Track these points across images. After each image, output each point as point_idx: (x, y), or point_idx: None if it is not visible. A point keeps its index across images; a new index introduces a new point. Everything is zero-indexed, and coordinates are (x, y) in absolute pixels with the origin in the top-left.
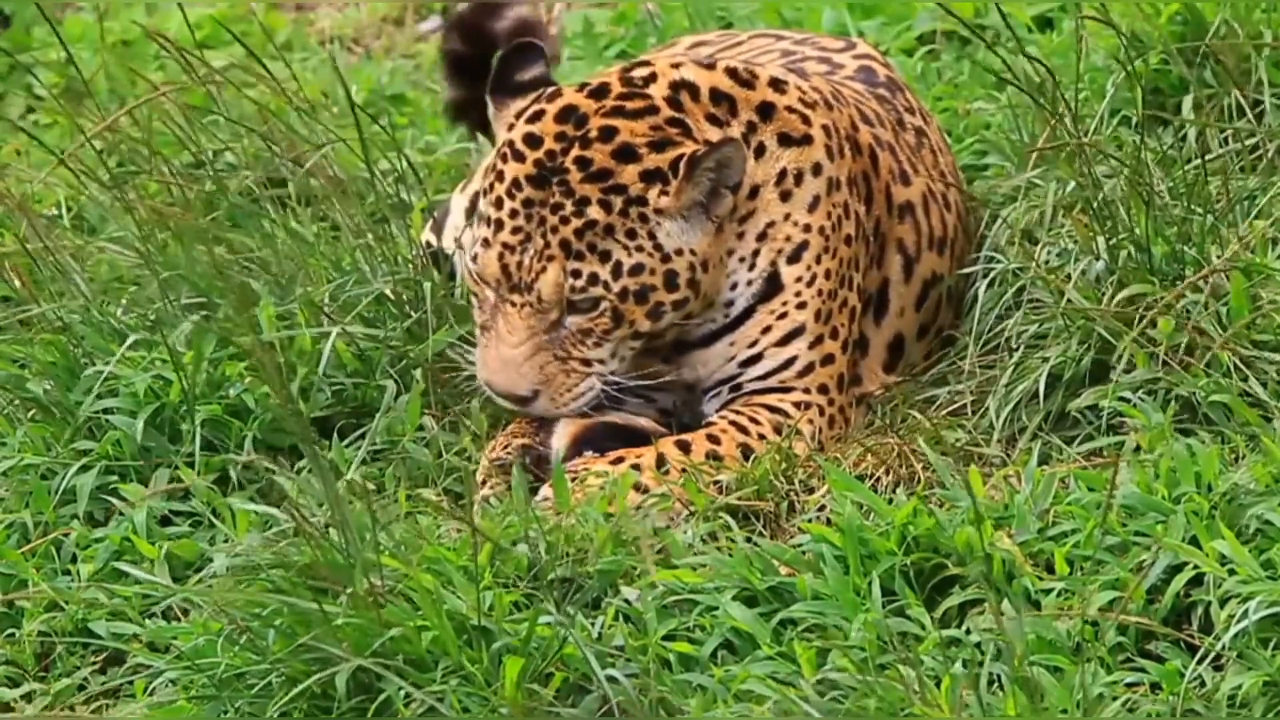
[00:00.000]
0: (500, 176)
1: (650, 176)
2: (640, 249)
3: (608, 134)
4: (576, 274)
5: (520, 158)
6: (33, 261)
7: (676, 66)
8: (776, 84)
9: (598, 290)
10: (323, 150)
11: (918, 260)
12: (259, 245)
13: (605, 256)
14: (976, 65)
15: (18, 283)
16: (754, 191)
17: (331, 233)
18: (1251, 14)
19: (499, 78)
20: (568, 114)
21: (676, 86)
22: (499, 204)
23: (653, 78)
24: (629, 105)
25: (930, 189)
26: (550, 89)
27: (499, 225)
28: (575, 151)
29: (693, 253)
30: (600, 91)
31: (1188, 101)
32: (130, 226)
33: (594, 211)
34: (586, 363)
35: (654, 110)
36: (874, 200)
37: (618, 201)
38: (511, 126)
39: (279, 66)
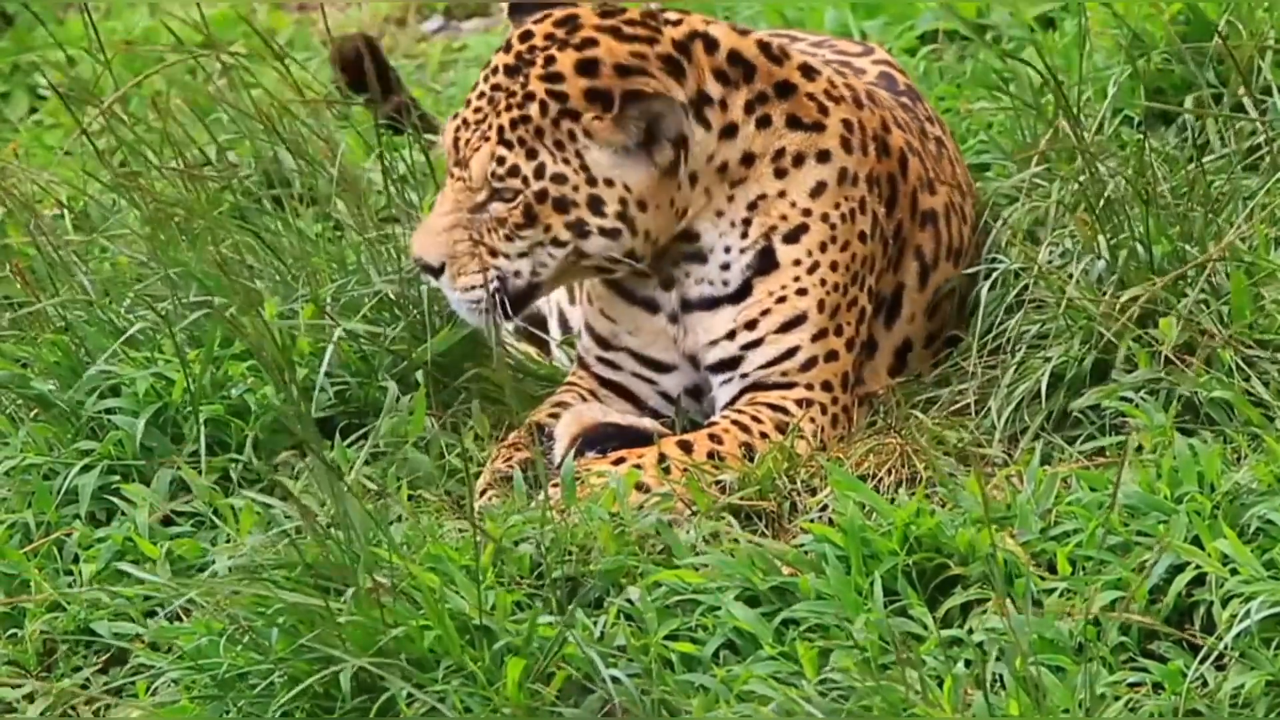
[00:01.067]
0: (487, 64)
1: (594, 95)
2: (566, 162)
3: (586, 44)
4: (501, 160)
5: (508, 49)
6: (36, 259)
7: (708, 23)
8: (808, 70)
9: (516, 182)
10: (339, 151)
11: (934, 269)
12: (262, 244)
13: (531, 154)
14: (979, 65)
15: (20, 283)
16: (749, 159)
17: (333, 232)
18: (1254, 13)
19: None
20: (567, 20)
21: (694, 35)
22: (475, 86)
23: (677, 22)
24: (627, 29)
25: (951, 200)
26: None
27: (467, 103)
28: (551, 51)
29: (626, 188)
30: (611, 13)
31: (1190, 101)
32: (136, 222)
33: (533, 108)
34: (493, 253)
35: (652, 41)
36: (897, 204)
37: (554, 108)
38: None
39: (287, 65)
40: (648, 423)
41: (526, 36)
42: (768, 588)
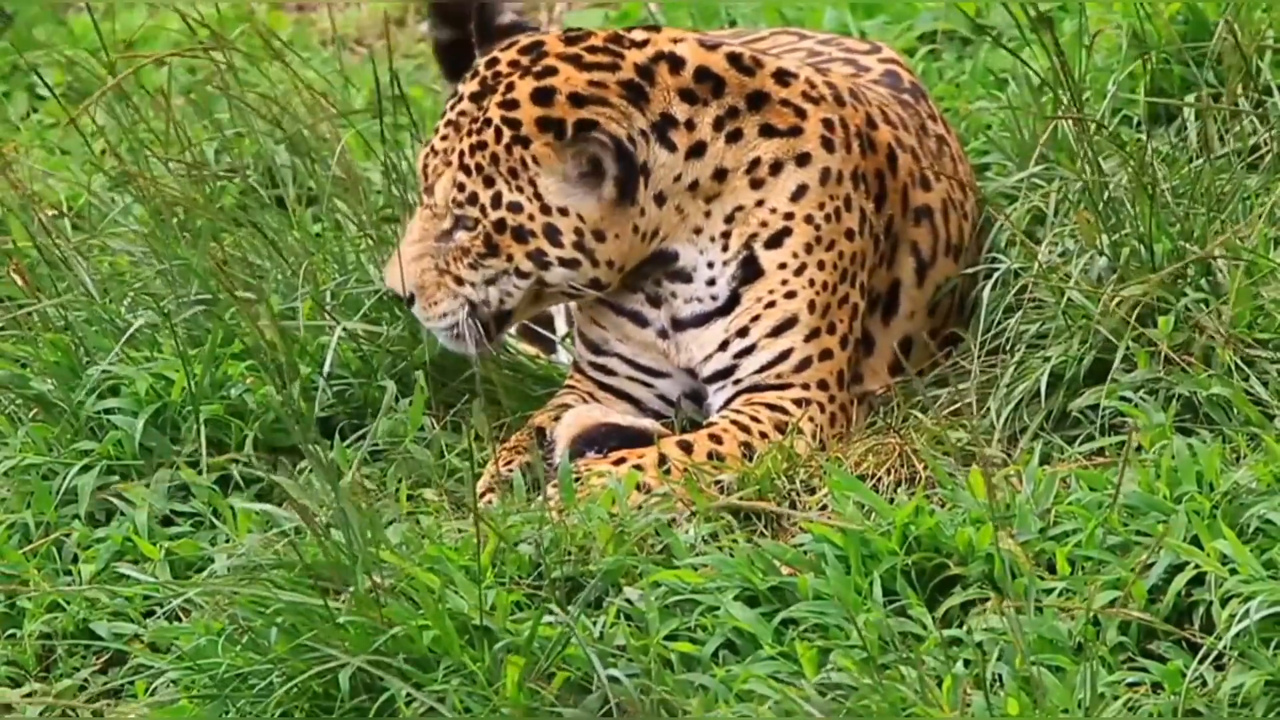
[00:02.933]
0: (454, 92)
1: (547, 124)
2: (520, 190)
3: (546, 73)
4: (461, 187)
5: (475, 75)
6: (36, 257)
7: (676, 41)
8: (782, 76)
9: (475, 210)
10: (340, 143)
11: (932, 265)
12: (264, 241)
13: (489, 181)
14: (978, 65)
15: (20, 281)
16: (721, 174)
17: (333, 232)
18: (1252, 13)
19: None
20: (532, 48)
21: (659, 57)
22: (443, 114)
23: (643, 43)
24: (589, 57)
25: (951, 197)
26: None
27: (435, 131)
28: (512, 78)
29: (580, 218)
30: (576, 39)
31: (1190, 100)
32: (141, 217)
33: (488, 135)
34: (459, 281)
35: (614, 68)
36: (887, 199)
37: (507, 134)
38: None
39: (280, 67)
40: (647, 423)
41: (492, 64)
42: (767, 588)
